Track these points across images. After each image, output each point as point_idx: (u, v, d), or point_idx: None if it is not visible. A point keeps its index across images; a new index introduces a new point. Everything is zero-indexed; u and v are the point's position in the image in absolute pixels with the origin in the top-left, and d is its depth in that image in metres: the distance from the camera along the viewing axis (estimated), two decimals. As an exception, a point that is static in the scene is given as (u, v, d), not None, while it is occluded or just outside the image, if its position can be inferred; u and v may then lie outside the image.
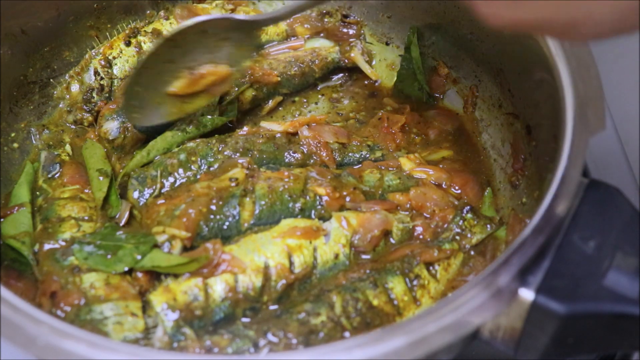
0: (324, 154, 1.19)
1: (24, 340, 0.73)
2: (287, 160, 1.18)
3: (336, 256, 1.03)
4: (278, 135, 1.20)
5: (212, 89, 1.16)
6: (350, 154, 1.22)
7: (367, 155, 1.22)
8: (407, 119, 1.29)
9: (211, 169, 1.13)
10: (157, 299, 0.94)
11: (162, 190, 1.11)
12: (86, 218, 1.08)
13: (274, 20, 1.12)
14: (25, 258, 1.02)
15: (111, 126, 1.22)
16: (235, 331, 0.92)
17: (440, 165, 1.23)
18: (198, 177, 1.13)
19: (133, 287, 0.97)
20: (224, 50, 1.11)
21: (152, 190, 1.11)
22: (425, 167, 1.20)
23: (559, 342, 0.79)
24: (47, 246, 1.03)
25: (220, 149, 1.15)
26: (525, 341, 0.81)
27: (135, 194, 1.11)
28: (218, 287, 0.96)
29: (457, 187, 1.19)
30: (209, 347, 0.90)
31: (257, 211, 1.07)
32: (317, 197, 1.09)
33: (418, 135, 1.30)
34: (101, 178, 1.14)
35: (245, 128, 1.22)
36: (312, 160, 1.19)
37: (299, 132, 1.20)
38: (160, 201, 1.08)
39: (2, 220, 1.07)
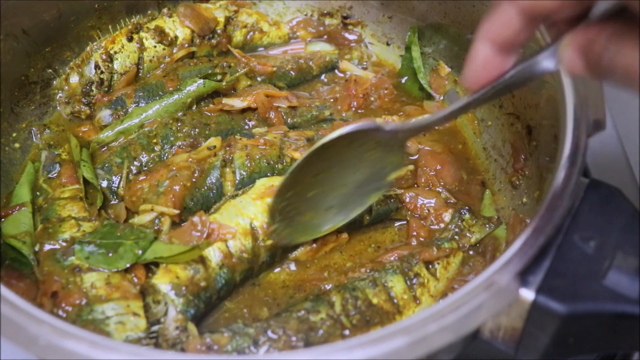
0: (273, 116, 1.24)
1: (25, 340, 0.73)
2: (245, 128, 1.23)
3: None
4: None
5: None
6: (300, 115, 1.28)
7: (317, 115, 1.29)
8: (376, 83, 1.33)
9: (173, 148, 1.16)
10: (161, 280, 0.95)
11: (130, 176, 1.14)
12: (86, 218, 1.08)
13: (425, 128, 0.96)
14: (26, 258, 1.02)
15: (104, 113, 1.24)
16: (235, 329, 0.92)
17: (421, 146, 1.23)
18: (164, 158, 1.15)
19: (134, 286, 0.97)
20: (370, 160, 0.99)
21: (119, 177, 1.14)
22: None
23: (560, 342, 0.79)
24: (47, 246, 1.02)
25: (178, 127, 1.19)
26: (526, 341, 0.80)
27: (104, 184, 1.14)
28: (214, 255, 0.99)
29: (431, 169, 1.19)
30: (209, 344, 0.90)
31: (237, 180, 1.11)
32: (294, 162, 1.10)
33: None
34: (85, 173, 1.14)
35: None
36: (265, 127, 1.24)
37: (255, 99, 1.25)
38: (142, 177, 1.10)
39: (3, 220, 1.08)
